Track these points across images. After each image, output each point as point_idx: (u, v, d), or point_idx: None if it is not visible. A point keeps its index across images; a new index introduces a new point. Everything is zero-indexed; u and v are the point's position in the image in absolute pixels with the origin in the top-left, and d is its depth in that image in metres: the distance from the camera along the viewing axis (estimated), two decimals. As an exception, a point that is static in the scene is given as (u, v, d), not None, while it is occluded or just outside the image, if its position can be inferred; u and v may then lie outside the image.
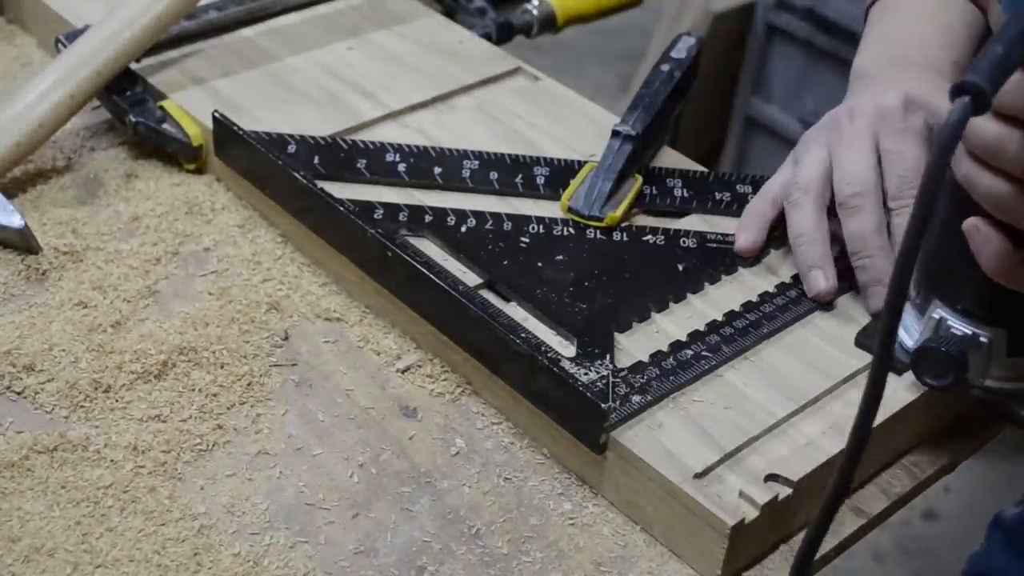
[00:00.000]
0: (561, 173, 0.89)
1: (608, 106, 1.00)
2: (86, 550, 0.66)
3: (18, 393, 0.75)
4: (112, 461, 0.71)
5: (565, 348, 0.76)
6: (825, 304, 0.79)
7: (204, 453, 0.73)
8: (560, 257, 0.82)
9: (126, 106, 0.94)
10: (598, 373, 0.73)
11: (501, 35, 1.11)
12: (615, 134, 0.87)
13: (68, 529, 0.67)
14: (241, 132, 0.88)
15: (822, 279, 0.79)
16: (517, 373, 0.74)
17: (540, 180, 0.89)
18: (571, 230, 0.85)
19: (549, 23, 1.14)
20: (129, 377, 0.76)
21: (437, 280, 0.77)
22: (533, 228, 0.85)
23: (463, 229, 0.84)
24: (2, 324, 0.79)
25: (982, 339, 0.69)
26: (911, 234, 0.52)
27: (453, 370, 0.79)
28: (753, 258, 0.83)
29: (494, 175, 0.89)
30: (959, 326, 0.70)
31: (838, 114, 0.82)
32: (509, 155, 0.91)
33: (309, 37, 1.04)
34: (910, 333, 0.73)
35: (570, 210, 0.86)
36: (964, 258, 0.65)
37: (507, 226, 0.85)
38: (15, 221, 0.84)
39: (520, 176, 0.89)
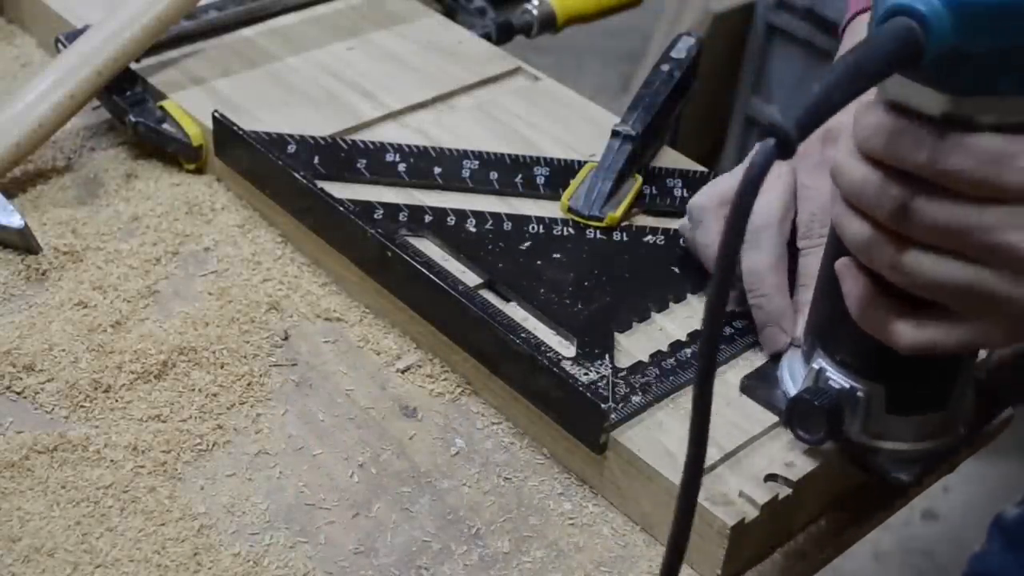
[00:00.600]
0: (561, 173, 0.89)
1: (608, 106, 1.00)
2: (86, 550, 0.66)
3: (18, 393, 0.75)
4: (112, 461, 0.71)
5: (565, 348, 0.76)
6: None
7: (204, 453, 0.73)
8: (560, 257, 0.82)
9: (126, 106, 0.94)
10: (598, 373, 0.73)
11: (501, 35, 1.11)
12: (615, 134, 0.87)
13: (68, 529, 0.67)
14: (241, 132, 0.88)
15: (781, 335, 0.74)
16: (517, 373, 0.74)
17: (540, 180, 0.89)
18: (571, 230, 0.85)
19: (549, 23, 1.14)
20: (129, 377, 0.76)
21: (437, 280, 0.77)
22: (533, 228, 0.85)
23: (463, 229, 0.84)
24: (2, 324, 0.79)
25: (859, 394, 0.65)
26: (716, 283, 0.50)
27: (453, 370, 0.79)
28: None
29: (494, 175, 0.89)
30: (836, 378, 0.66)
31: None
32: (509, 155, 0.91)
33: (309, 37, 1.04)
34: (796, 382, 0.70)
35: (570, 210, 0.86)
36: (840, 306, 0.62)
37: (507, 226, 0.85)
38: (15, 221, 0.84)
39: (520, 176, 0.89)
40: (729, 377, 0.74)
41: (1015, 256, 0.55)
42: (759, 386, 0.72)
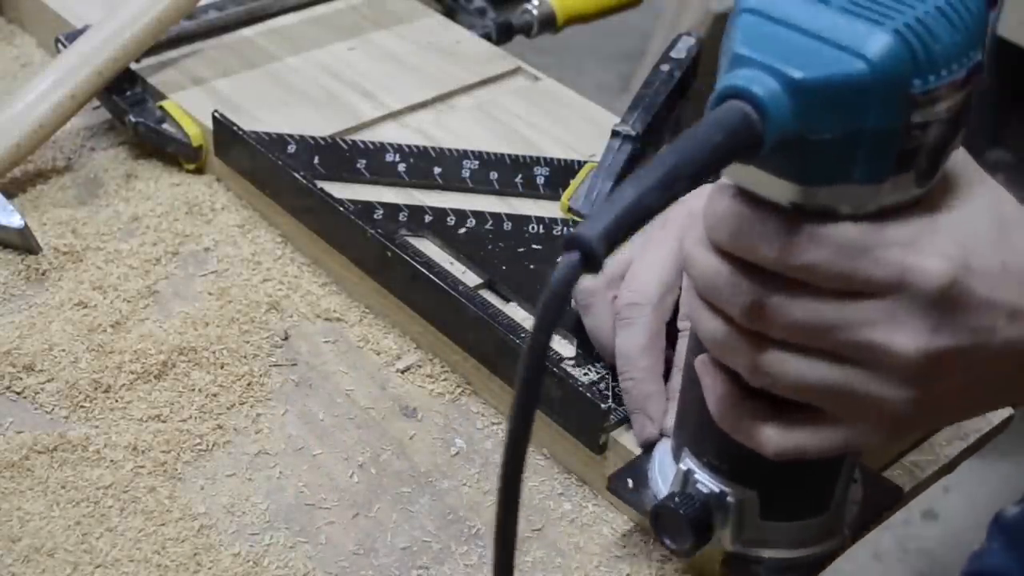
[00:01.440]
0: (561, 173, 0.89)
1: (608, 106, 1.00)
2: (86, 550, 0.66)
3: (18, 393, 0.75)
4: (112, 461, 0.71)
5: (565, 348, 0.76)
6: None
7: (204, 453, 0.73)
8: (560, 257, 0.82)
9: (126, 106, 0.94)
10: (598, 373, 0.73)
11: (501, 35, 1.11)
12: (615, 134, 0.87)
13: (68, 529, 0.67)
14: (241, 132, 0.88)
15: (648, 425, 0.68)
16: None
17: (540, 180, 0.89)
18: (571, 230, 0.85)
19: (549, 23, 1.14)
20: (129, 377, 0.76)
21: (437, 280, 0.77)
22: (533, 228, 0.85)
23: (463, 229, 0.84)
24: (2, 324, 0.79)
25: (729, 499, 0.59)
26: (517, 405, 0.44)
27: (453, 370, 0.79)
28: None
29: (494, 175, 0.89)
30: (705, 482, 0.60)
31: (655, 220, 0.73)
32: (509, 155, 0.91)
33: (309, 37, 1.04)
34: (665, 482, 0.64)
35: (570, 210, 0.86)
36: (704, 405, 0.56)
37: (507, 226, 0.85)
38: (15, 221, 0.84)
39: (520, 176, 0.89)
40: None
41: (883, 354, 0.50)
42: (627, 484, 0.66)
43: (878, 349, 0.50)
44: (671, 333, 0.69)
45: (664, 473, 0.65)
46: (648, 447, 0.68)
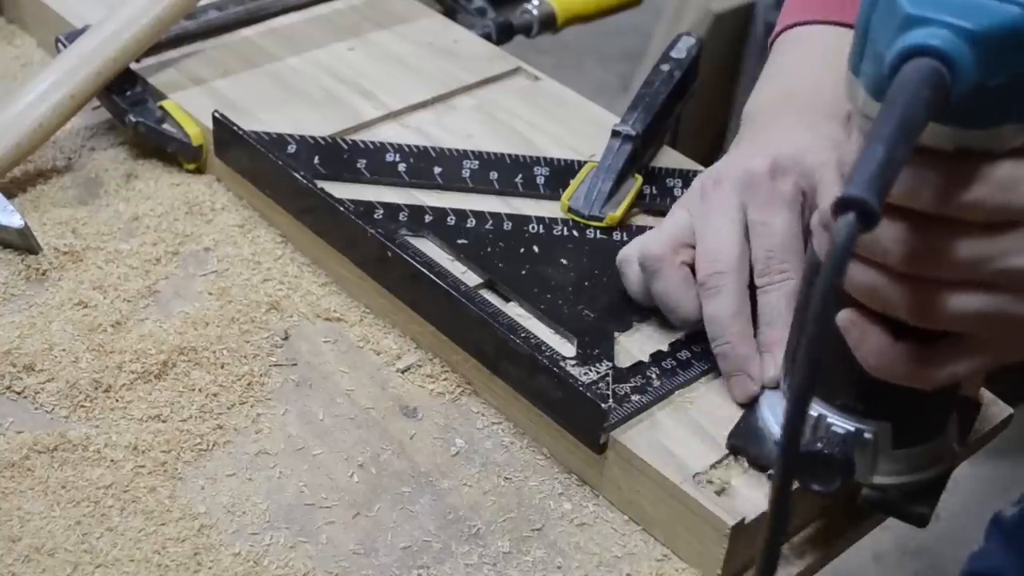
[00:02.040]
0: (561, 173, 0.89)
1: (608, 106, 1.00)
2: (86, 550, 0.66)
3: (18, 393, 0.75)
4: (112, 461, 0.71)
5: (565, 348, 0.76)
6: None
7: (204, 453, 0.73)
8: (560, 257, 0.82)
9: (126, 106, 0.94)
10: (598, 373, 0.73)
11: (501, 35, 1.11)
12: (615, 134, 0.87)
13: (68, 529, 0.67)
14: (241, 132, 0.88)
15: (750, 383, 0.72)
16: (517, 373, 0.74)
17: (540, 180, 0.89)
18: (571, 230, 0.85)
19: (549, 23, 1.14)
20: (129, 377, 0.76)
21: (437, 280, 0.77)
22: (533, 228, 0.85)
23: (463, 229, 0.84)
24: (2, 324, 0.79)
25: (866, 435, 0.64)
26: (802, 379, 0.47)
27: (453, 370, 0.79)
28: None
29: (494, 175, 0.89)
30: (840, 423, 0.64)
31: (704, 181, 0.75)
32: (509, 155, 0.91)
33: (309, 37, 1.04)
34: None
35: (570, 210, 0.86)
36: (840, 353, 0.60)
37: (507, 226, 0.85)
38: (15, 221, 0.84)
39: (520, 176, 0.89)
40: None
41: None
42: (748, 443, 0.69)
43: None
44: (751, 292, 0.72)
45: (780, 419, 0.68)
46: (748, 404, 0.71)
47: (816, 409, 0.64)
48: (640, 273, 0.76)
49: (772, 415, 0.69)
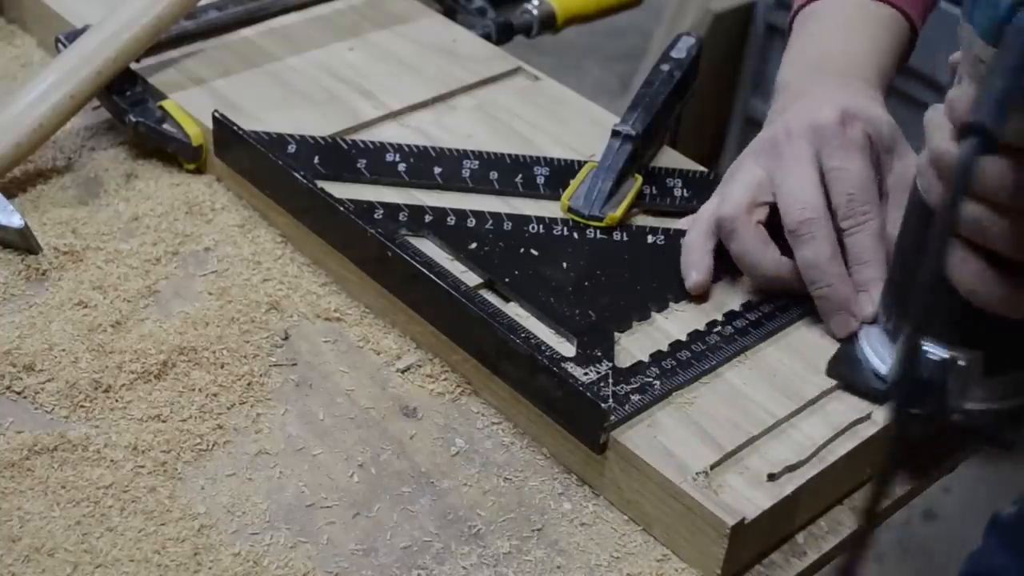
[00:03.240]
0: (561, 173, 0.89)
1: (608, 106, 1.00)
2: (86, 550, 0.66)
3: (18, 393, 0.75)
4: (112, 461, 0.71)
5: (565, 348, 0.76)
6: None
7: (204, 453, 0.73)
8: (560, 257, 0.82)
9: (126, 106, 0.94)
10: (598, 373, 0.73)
11: (501, 35, 1.11)
12: (615, 134, 0.87)
13: (68, 529, 0.67)
14: (241, 132, 0.88)
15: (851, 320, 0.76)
16: (517, 373, 0.74)
17: (540, 180, 0.89)
18: (571, 230, 0.85)
19: (549, 23, 1.14)
20: (129, 377, 0.76)
21: (437, 280, 0.77)
22: (533, 228, 0.85)
23: (463, 229, 0.84)
24: (2, 324, 0.79)
25: (960, 362, 0.67)
26: (923, 290, 0.51)
27: (453, 370, 0.79)
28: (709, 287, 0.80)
29: (494, 175, 0.89)
30: (935, 350, 0.67)
31: (775, 134, 0.78)
32: (509, 155, 0.91)
33: (309, 37, 1.04)
34: (883, 360, 0.71)
35: (570, 210, 0.86)
36: (937, 282, 0.61)
37: (507, 226, 0.85)
38: (15, 221, 0.84)
39: (520, 176, 0.89)
40: (729, 377, 0.74)
41: None
42: (846, 369, 0.73)
43: None
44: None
45: (879, 352, 0.72)
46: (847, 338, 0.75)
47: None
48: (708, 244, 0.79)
49: (872, 352, 0.73)
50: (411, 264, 0.78)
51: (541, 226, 0.85)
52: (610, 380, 0.73)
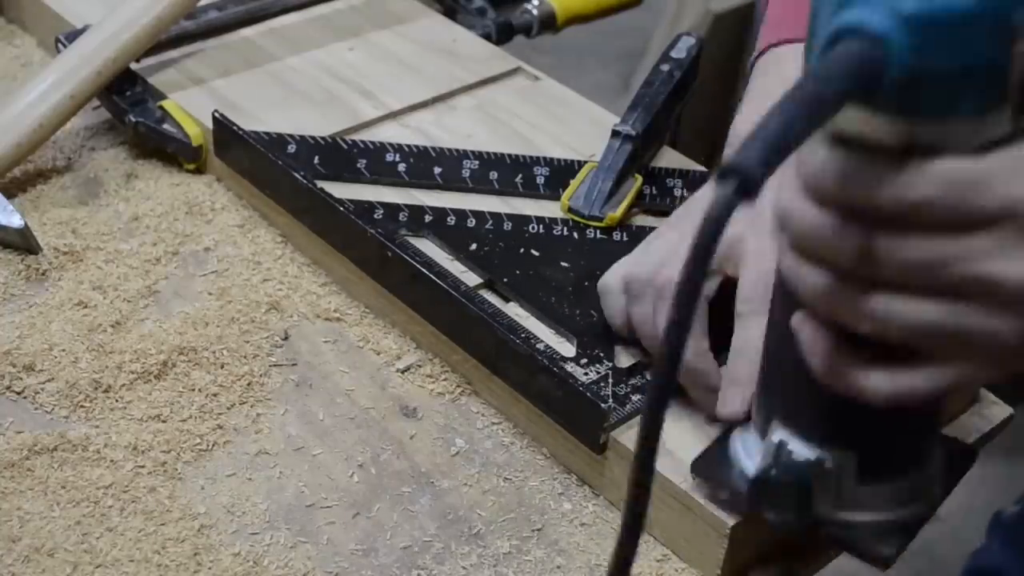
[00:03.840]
0: (561, 173, 0.89)
1: (608, 106, 1.00)
2: (86, 550, 0.66)
3: (18, 393, 0.75)
4: (112, 461, 0.71)
5: (565, 348, 0.76)
6: None
7: (204, 453, 0.73)
8: (560, 257, 0.82)
9: (126, 106, 0.94)
10: (598, 373, 0.73)
11: (501, 35, 1.11)
12: (615, 134, 0.87)
13: (68, 529, 0.67)
14: (241, 132, 0.88)
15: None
16: (517, 373, 0.74)
17: (540, 180, 0.89)
18: (571, 230, 0.85)
19: (549, 23, 1.14)
20: (129, 377, 0.76)
21: (437, 280, 0.77)
22: (533, 228, 0.85)
23: (463, 229, 0.84)
24: (2, 324, 0.79)
25: (827, 465, 0.59)
26: (670, 338, 0.45)
27: (453, 370, 0.79)
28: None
29: (494, 175, 0.89)
30: (801, 451, 0.59)
31: (700, 200, 0.72)
32: (509, 155, 0.91)
33: (309, 37, 1.04)
34: (752, 459, 0.63)
35: (570, 210, 0.86)
36: (800, 370, 0.56)
37: (507, 226, 0.85)
38: (15, 221, 0.84)
39: (520, 176, 0.89)
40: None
41: (996, 286, 0.50)
42: (711, 467, 0.66)
43: (990, 281, 0.50)
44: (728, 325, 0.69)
45: (748, 449, 0.64)
46: (725, 431, 0.68)
47: (779, 435, 0.61)
48: (623, 302, 0.73)
49: (742, 448, 0.65)
50: (411, 264, 0.78)
51: (541, 226, 0.85)
52: (610, 380, 0.72)
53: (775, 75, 0.79)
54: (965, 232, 0.50)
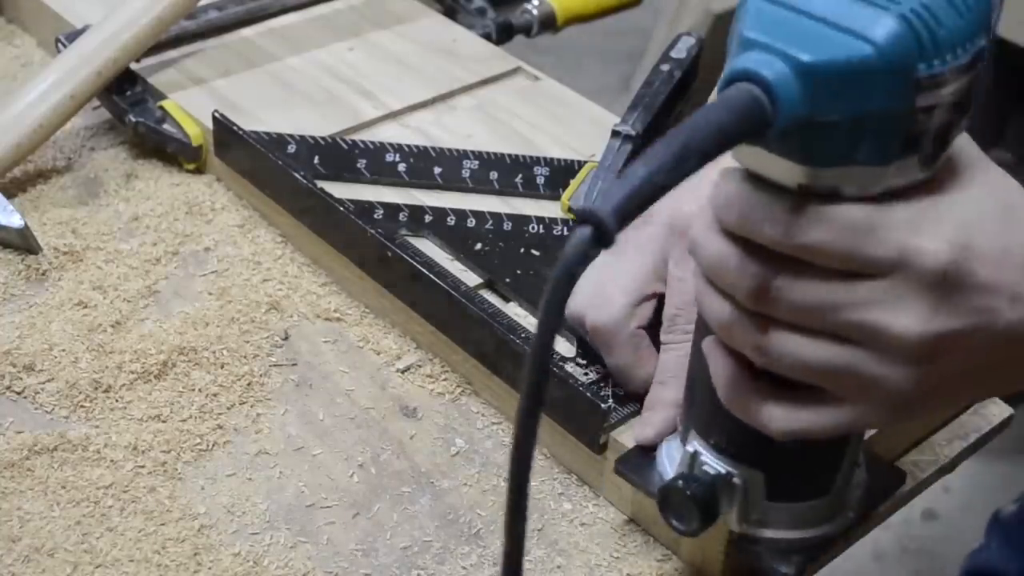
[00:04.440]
0: (561, 173, 0.89)
1: (608, 106, 1.00)
2: (86, 550, 0.66)
3: (18, 393, 0.75)
4: (112, 461, 0.71)
5: (565, 348, 0.76)
6: None
7: (204, 453, 0.73)
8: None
9: (126, 106, 0.94)
10: (598, 373, 0.73)
11: (501, 35, 1.11)
12: (615, 134, 0.87)
13: (68, 529, 0.67)
14: (241, 132, 0.88)
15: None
16: (517, 373, 0.74)
17: (540, 180, 0.89)
18: (571, 230, 0.85)
19: (549, 23, 1.14)
20: (129, 377, 0.76)
21: (437, 280, 0.77)
22: (533, 228, 0.85)
23: (463, 229, 0.84)
24: (2, 324, 0.79)
25: (735, 480, 0.60)
26: (530, 372, 0.45)
27: (453, 370, 0.79)
28: None
29: (494, 175, 0.89)
30: (712, 463, 0.60)
31: (638, 220, 0.72)
32: (509, 155, 0.91)
33: (309, 37, 1.04)
34: (670, 463, 0.65)
35: (570, 210, 0.86)
36: (712, 386, 0.57)
37: (507, 226, 0.85)
38: (15, 221, 0.84)
39: (520, 176, 0.89)
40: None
41: (884, 334, 0.51)
42: (633, 466, 0.67)
43: (879, 329, 0.51)
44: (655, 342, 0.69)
45: (671, 456, 0.65)
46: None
47: (693, 445, 0.62)
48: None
49: (666, 453, 0.66)
50: (411, 264, 0.78)
51: (541, 226, 0.85)
52: (610, 380, 0.73)
53: None
54: (856, 279, 0.51)
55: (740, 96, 0.47)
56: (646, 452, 0.67)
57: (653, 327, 0.70)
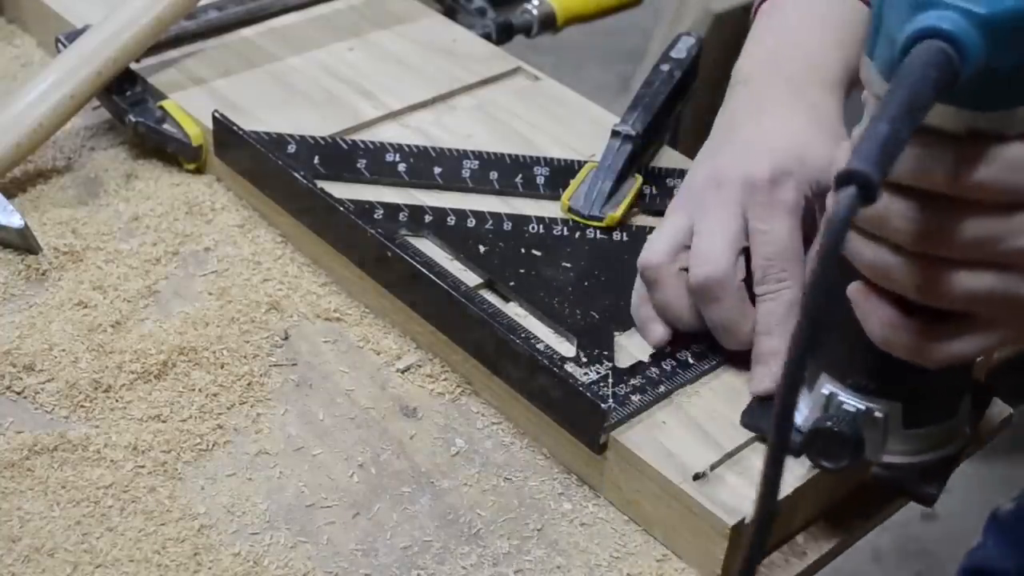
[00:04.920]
0: (561, 173, 0.89)
1: (608, 106, 1.00)
2: (86, 550, 0.66)
3: (18, 393, 0.75)
4: (112, 461, 0.71)
5: (565, 348, 0.76)
6: None
7: (204, 453, 0.73)
8: (560, 257, 0.82)
9: (126, 106, 0.94)
10: (598, 373, 0.73)
11: (501, 35, 1.11)
12: (615, 134, 0.87)
13: (68, 529, 0.67)
14: (241, 132, 0.88)
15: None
16: (517, 373, 0.74)
17: (540, 180, 0.89)
18: (571, 230, 0.85)
19: (549, 23, 1.14)
20: (129, 377, 0.76)
21: (437, 280, 0.77)
22: (533, 228, 0.85)
23: (463, 229, 0.84)
24: (2, 324, 0.79)
25: (877, 414, 0.64)
26: (799, 339, 0.46)
27: (453, 370, 0.79)
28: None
29: (494, 175, 0.89)
30: (851, 402, 0.65)
31: (704, 181, 0.74)
32: (509, 155, 0.91)
33: (309, 37, 1.04)
34: (799, 411, 0.67)
35: (570, 210, 0.86)
36: (851, 329, 0.61)
37: (507, 226, 0.85)
38: (15, 221, 0.84)
39: (520, 176, 0.89)
40: (729, 377, 0.74)
41: None
42: (758, 419, 0.70)
43: None
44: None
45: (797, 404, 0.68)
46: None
47: (828, 387, 0.65)
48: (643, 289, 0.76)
49: None
50: (411, 264, 0.78)
51: (541, 226, 0.85)
52: (610, 380, 0.73)
53: (777, 18, 0.83)
54: (1016, 209, 0.55)
55: (932, 52, 0.50)
56: (764, 403, 0.71)
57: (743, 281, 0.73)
